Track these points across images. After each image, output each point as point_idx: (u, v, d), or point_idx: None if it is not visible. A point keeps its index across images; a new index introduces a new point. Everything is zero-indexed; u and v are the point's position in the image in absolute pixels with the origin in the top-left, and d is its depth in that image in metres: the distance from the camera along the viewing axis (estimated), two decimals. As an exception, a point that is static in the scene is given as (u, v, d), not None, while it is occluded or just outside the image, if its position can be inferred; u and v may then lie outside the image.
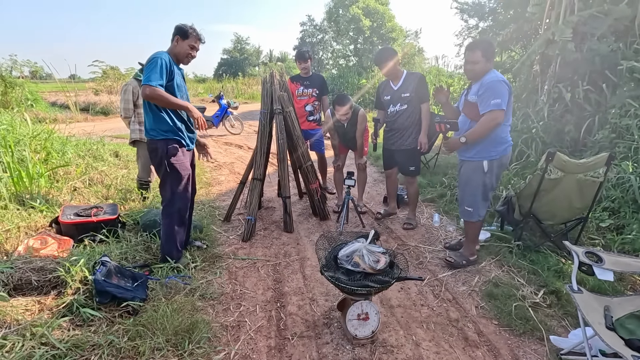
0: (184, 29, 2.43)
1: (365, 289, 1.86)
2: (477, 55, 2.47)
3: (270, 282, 2.66)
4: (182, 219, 2.64)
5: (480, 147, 2.54)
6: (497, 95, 2.38)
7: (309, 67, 4.07)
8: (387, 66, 3.26)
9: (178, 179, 2.53)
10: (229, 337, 2.08)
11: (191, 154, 2.70)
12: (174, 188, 2.53)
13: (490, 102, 2.39)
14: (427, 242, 3.28)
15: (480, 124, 2.46)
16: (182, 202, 2.59)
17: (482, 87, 2.45)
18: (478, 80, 2.52)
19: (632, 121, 3.67)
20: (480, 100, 2.46)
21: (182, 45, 2.44)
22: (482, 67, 2.48)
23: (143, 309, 2.17)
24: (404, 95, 3.28)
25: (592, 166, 2.55)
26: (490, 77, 2.45)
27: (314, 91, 4.09)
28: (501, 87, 2.40)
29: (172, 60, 2.42)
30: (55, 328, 1.91)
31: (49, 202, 3.35)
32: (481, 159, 2.55)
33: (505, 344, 2.02)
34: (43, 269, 2.30)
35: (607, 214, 3.17)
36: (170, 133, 2.45)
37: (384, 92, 3.42)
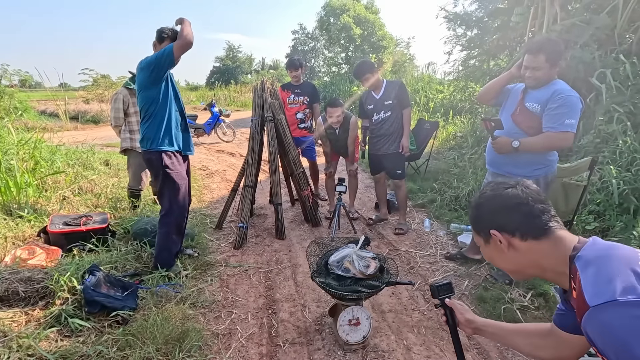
0: (159, 33, 2.41)
1: (356, 294, 1.87)
2: (540, 59, 2.13)
3: (262, 289, 2.66)
4: (180, 228, 2.64)
5: (525, 164, 2.27)
6: (573, 114, 2.09)
7: (299, 75, 4.11)
8: (368, 79, 3.35)
9: (176, 189, 2.53)
10: (220, 345, 2.07)
11: (187, 163, 2.71)
12: (172, 197, 2.53)
13: (565, 121, 2.08)
14: (418, 247, 3.31)
15: (546, 138, 2.15)
16: (180, 212, 2.59)
17: (555, 99, 2.12)
18: (540, 87, 2.23)
19: (616, 126, 3.77)
20: (550, 115, 2.13)
21: (159, 49, 2.39)
22: (545, 74, 2.16)
23: (133, 318, 2.15)
24: (386, 102, 3.36)
25: (575, 170, 2.61)
26: (565, 90, 2.13)
27: (305, 99, 4.13)
28: (577, 104, 2.12)
29: None
30: (43, 339, 1.89)
31: (37, 212, 3.31)
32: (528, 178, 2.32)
33: (494, 346, 2.05)
34: (31, 279, 2.27)
35: (592, 217, 3.23)
36: (166, 141, 2.45)
37: (367, 101, 3.49)
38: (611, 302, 0.71)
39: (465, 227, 3.53)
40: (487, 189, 1.02)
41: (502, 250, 0.97)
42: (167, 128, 2.45)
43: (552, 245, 0.91)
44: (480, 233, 1.03)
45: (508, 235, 0.95)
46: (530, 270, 0.98)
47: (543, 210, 0.92)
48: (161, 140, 2.43)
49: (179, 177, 2.52)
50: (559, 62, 2.17)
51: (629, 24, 4.49)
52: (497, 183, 1.02)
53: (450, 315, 1.21)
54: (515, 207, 0.93)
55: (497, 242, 0.97)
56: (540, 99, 2.19)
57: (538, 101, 2.20)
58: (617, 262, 0.77)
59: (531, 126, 2.24)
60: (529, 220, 0.92)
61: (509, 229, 0.94)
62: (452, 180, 4.53)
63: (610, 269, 0.76)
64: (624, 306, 0.69)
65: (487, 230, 0.99)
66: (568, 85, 2.21)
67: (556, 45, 2.15)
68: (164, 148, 2.45)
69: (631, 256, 0.78)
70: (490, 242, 1.00)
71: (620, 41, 4.52)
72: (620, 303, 0.69)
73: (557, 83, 2.19)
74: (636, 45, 4.42)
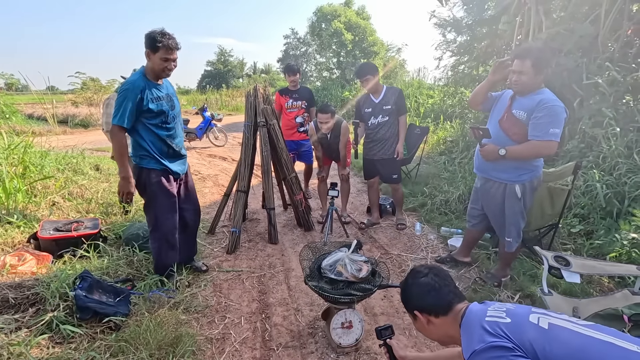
0: (151, 38, 2.19)
1: (348, 297, 1.90)
2: (526, 65, 2.18)
3: (255, 294, 2.67)
4: (170, 243, 2.54)
5: (512, 169, 2.35)
6: (557, 123, 2.15)
7: (297, 80, 4.23)
8: (369, 80, 3.40)
9: (161, 206, 2.44)
10: (213, 350, 2.08)
11: (182, 178, 2.62)
12: (157, 214, 2.45)
13: (549, 130, 2.14)
14: (409, 250, 3.35)
15: (530, 146, 2.21)
16: (168, 227, 2.49)
17: (541, 109, 2.17)
18: (526, 95, 2.27)
19: (600, 131, 3.89)
20: (535, 124, 2.19)
21: (154, 59, 2.24)
22: (529, 80, 2.21)
23: (125, 324, 2.15)
24: (385, 107, 3.43)
25: (560, 175, 2.69)
26: (551, 99, 2.18)
27: (302, 103, 4.26)
28: (562, 113, 2.18)
29: (147, 82, 2.27)
30: (34, 346, 1.87)
31: (26, 218, 3.27)
32: (513, 183, 2.36)
33: None
34: (21, 285, 2.25)
35: (577, 220, 3.33)
36: (152, 161, 2.36)
37: (364, 105, 3.55)
38: (473, 353, 1.02)
39: (455, 230, 3.59)
40: (408, 278, 1.32)
41: (424, 326, 1.26)
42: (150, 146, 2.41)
43: (453, 318, 1.19)
44: (409, 312, 1.31)
45: (427, 314, 1.23)
46: (446, 339, 1.26)
47: (448, 291, 1.22)
48: (144, 156, 2.41)
49: (166, 194, 2.45)
50: (545, 69, 2.21)
51: (610, 33, 4.64)
52: (415, 272, 1.31)
53: (390, 352, 1.55)
54: (428, 293, 1.23)
55: (421, 320, 1.25)
56: (526, 106, 2.24)
57: (524, 109, 2.24)
58: (473, 323, 1.09)
59: (517, 133, 2.29)
60: (438, 302, 1.21)
61: (426, 310, 1.23)
62: (442, 185, 4.60)
63: (471, 329, 1.09)
64: (480, 353, 1.00)
65: (412, 311, 1.28)
66: (553, 93, 2.26)
67: (543, 53, 2.20)
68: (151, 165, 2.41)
69: (480, 316, 1.09)
70: (417, 319, 1.27)
71: (603, 49, 4.67)
72: (477, 352, 1.01)
73: (543, 92, 2.24)
74: (618, 52, 4.58)
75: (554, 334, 0.99)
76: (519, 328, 1.01)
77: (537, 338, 0.97)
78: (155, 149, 2.36)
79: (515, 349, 0.96)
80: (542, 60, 2.18)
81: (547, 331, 0.99)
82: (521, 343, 0.97)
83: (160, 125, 2.35)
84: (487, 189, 2.52)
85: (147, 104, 2.24)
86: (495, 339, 1.00)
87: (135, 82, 2.23)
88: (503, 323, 1.04)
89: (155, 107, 2.28)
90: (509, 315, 1.06)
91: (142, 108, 2.24)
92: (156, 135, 2.35)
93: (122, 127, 2.21)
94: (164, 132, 2.37)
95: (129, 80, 2.27)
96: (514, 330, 1.01)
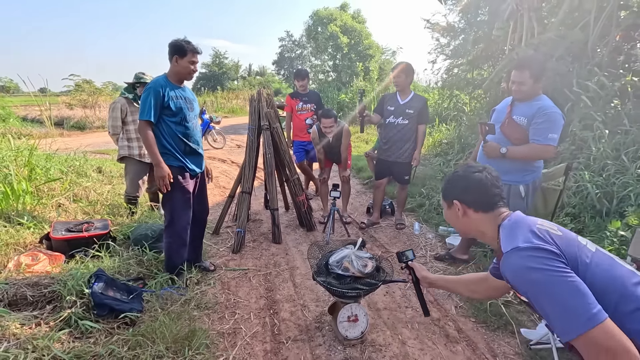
0: (179, 46, 2.44)
1: (355, 291, 2.01)
2: (525, 75, 2.34)
3: (262, 291, 2.77)
4: (182, 240, 2.66)
5: (516, 171, 2.50)
6: (555, 129, 2.30)
7: (306, 85, 4.48)
8: (400, 77, 3.51)
9: (177, 201, 2.58)
10: (226, 344, 2.18)
11: (198, 177, 2.77)
12: (173, 210, 2.59)
13: (548, 135, 2.31)
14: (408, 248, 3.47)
15: (530, 149, 2.38)
16: (181, 224, 2.62)
17: (540, 115, 2.33)
18: (526, 101, 2.43)
19: (590, 134, 4.05)
20: (536, 129, 2.35)
21: (182, 63, 2.47)
22: (529, 89, 2.37)
23: (140, 320, 2.24)
24: (408, 111, 3.54)
25: (552, 175, 2.84)
26: (550, 106, 2.34)
27: (312, 106, 4.49)
28: (560, 120, 2.32)
29: (168, 82, 2.48)
30: (55, 341, 1.95)
31: (35, 219, 3.34)
32: (517, 183, 2.51)
33: (482, 338, 2.22)
34: (38, 284, 2.33)
35: (569, 219, 3.47)
36: (170, 157, 2.51)
37: (388, 102, 3.65)
38: (515, 248, 1.07)
39: (452, 229, 3.72)
40: (459, 169, 1.35)
41: (458, 216, 1.31)
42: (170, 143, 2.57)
43: (492, 218, 1.25)
44: (446, 200, 1.36)
45: (466, 206, 1.28)
46: (475, 233, 1.33)
47: (496, 192, 1.26)
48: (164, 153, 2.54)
49: (182, 190, 2.58)
50: (542, 77, 2.38)
51: (600, 39, 4.82)
52: (468, 166, 1.34)
53: (413, 274, 1.67)
54: (476, 187, 1.26)
55: (456, 210, 1.30)
56: (526, 113, 2.41)
57: (525, 115, 2.41)
58: (521, 226, 1.14)
59: (518, 138, 2.45)
60: (484, 199, 1.26)
61: (467, 202, 1.28)
62: (439, 185, 4.74)
63: (516, 230, 1.14)
64: (523, 250, 1.05)
65: (451, 200, 1.32)
66: (550, 99, 2.43)
67: (539, 62, 2.38)
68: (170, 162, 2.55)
69: (531, 222, 1.15)
70: (451, 208, 1.33)
71: (592, 54, 4.85)
72: (520, 248, 1.06)
73: (541, 99, 2.41)
74: (607, 58, 4.76)
75: (597, 257, 1.06)
76: (569, 242, 1.07)
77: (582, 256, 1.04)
78: (175, 145, 2.53)
79: (561, 256, 1.01)
80: (539, 69, 2.35)
81: (594, 253, 1.08)
82: (567, 254, 1.03)
83: (179, 122, 2.52)
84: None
85: (167, 101, 2.44)
86: (542, 242, 1.04)
87: (158, 81, 2.46)
88: (554, 234, 1.09)
89: (174, 105, 2.47)
90: (561, 230, 1.13)
91: (163, 105, 2.44)
92: (175, 133, 2.52)
93: (149, 121, 2.40)
94: (182, 129, 2.54)
95: (153, 80, 2.48)
96: (564, 243, 1.06)
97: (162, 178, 2.44)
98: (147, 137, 2.42)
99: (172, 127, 2.50)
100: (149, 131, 2.42)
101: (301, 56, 24.97)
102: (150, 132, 2.43)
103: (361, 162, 6.41)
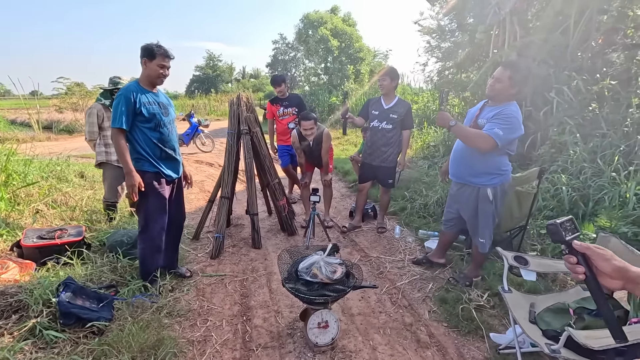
0: (149, 49, 2.42)
1: (323, 298, 2.01)
2: (505, 75, 2.36)
3: (237, 297, 2.75)
4: (156, 245, 2.64)
5: (483, 174, 2.52)
6: (505, 128, 2.31)
7: (284, 90, 4.46)
8: (385, 81, 3.50)
9: (152, 207, 2.56)
10: (194, 352, 2.15)
11: (175, 182, 2.75)
12: (147, 215, 2.57)
13: (495, 129, 2.32)
14: (387, 252, 3.48)
15: (474, 133, 2.41)
16: (156, 230, 2.60)
17: (499, 114, 2.37)
18: (496, 104, 2.46)
19: (568, 137, 4.10)
20: (489, 122, 2.39)
21: (151, 66, 2.44)
22: (502, 89, 2.38)
23: (109, 329, 2.21)
24: (392, 115, 3.54)
25: (526, 179, 2.85)
26: (512, 111, 2.36)
27: (293, 110, 4.48)
28: (515, 124, 2.34)
29: (139, 88, 2.46)
30: (17, 352, 1.92)
31: (9, 226, 3.29)
32: (485, 186, 2.52)
33: (452, 343, 2.22)
34: (4, 293, 2.29)
35: (546, 222, 3.50)
36: (146, 163, 2.49)
37: (373, 106, 3.66)
38: None
39: (432, 233, 3.73)
40: None
41: None
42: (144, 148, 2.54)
43: None
44: None
45: None
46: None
47: None
48: (138, 159, 2.53)
49: (157, 196, 2.56)
50: (519, 84, 2.38)
51: (580, 43, 4.88)
52: None
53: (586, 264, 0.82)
54: None
55: None
56: (488, 115, 2.44)
57: (486, 117, 2.44)
58: None
59: None
60: None
61: None
62: (422, 189, 4.75)
63: None
64: None
65: None
66: (519, 110, 2.43)
67: (523, 70, 2.41)
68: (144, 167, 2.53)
69: None
70: None
71: (572, 58, 4.91)
72: None
73: (510, 105, 2.41)
74: (586, 62, 4.82)
75: None
76: None
77: None
78: (150, 151, 2.51)
79: None
80: (520, 76, 2.37)
81: None
82: None
83: (154, 128, 2.50)
84: (462, 193, 2.68)
85: (139, 107, 2.41)
86: None
87: (129, 88, 2.43)
88: None
89: (147, 110, 2.45)
90: None
91: (135, 111, 2.41)
92: (149, 139, 2.49)
93: (121, 129, 2.38)
94: (156, 135, 2.52)
95: (124, 87, 2.46)
96: None
97: (132, 187, 2.42)
98: (119, 144, 2.40)
99: (146, 132, 2.48)
100: (121, 139, 2.40)
101: (295, 59, 24.99)
102: (122, 139, 2.40)
103: (347, 166, 6.41)
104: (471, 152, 2.51)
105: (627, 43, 4.69)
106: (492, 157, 2.46)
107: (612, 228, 2.83)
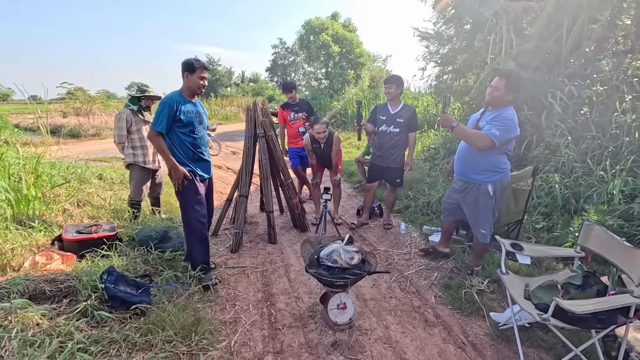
0: (189, 64, 2.72)
1: (343, 280, 2.28)
2: (501, 83, 2.60)
3: (259, 286, 3.01)
4: (200, 237, 2.89)
5: (484, 172, 2.77)
6: (502, 129, 2.56)
7: (294, 95, 4.77)
8: (391, 89, 3.77)
9: (189, 202, 2.83)
10: (227, 331, 2.42)
11: (206, 182, 3.01)
12: (186, 210, 2.84)
13: (494, 130, 2.57)
14: (395, 246, 3.75)
15: (472, 133, 2.69)
16: (196, 223, 2.85)
17: (497, 117, 2.62)
18: (494, 109, 2.70)
19: (561, 140, 4.39)
20: (488, 124, 2.63)
21: (192, 78, 2.73)
22: (499, 96, 2.62)
23: (150, 311, 2.46)
24: (398, 120, 3.82)
25: (521, 177, 3.14)
26: (509, 115, 2.61)
27: (303, 114, 4.78)
28: (511, 126, 2.58)
29: (182, 97, 2.74)
30: (76, 328, 2.18)
31: (45, 222, 3.55)
32: (486, 183, 2.77)
33: (457, 322, 2.49)
34: (55, 280, 2.55)
35: (541, 217, 3.79)
36: (181, 164, 2.76)
37: (380, 112, 3.94)
38: None
39: (435, 229, 4.01)
40: None
41: None
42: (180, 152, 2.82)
43: None
44: None
45: None
46: None
47: None
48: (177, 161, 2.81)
49: (193, 191, 2.82)
50: (514, 91, 2.63)
51: (572, 50, 5.20)
52: None
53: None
54: None
55: None
56: (487, 119, 2.72)
57: (486, 120, 2.72)
58: None
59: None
60: None
61: None
62: (425, 188, 5.04)
63: None
64: None
65: None
66: (515, 113, 2.69)
67: (518, 79, 2.65)
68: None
69: None
70: None
71: (565, 65, 5.22)
72: None
73: (507, 109, 2.68)
74: (578, 69, 5.13)
75: None
76: None
77: None
78: (183, 153, 2.79)
79: None
80: (515, 84, 2.62)
81: None
82: None
83: (188, 133, 2.78)
84: (465, 190, 2.96)
85: (179, 114, 2.70)
86: None
87: (173, 97, 2.72)
88: None
89: (185, 118, 2.73)
90: None
91: (175, 117, 2.70)
92: (183, 142, 2.78)
93: (159, 131, 2.68)
94: (190, 139, 2.80)
95: (168, 95, 2.75)
96: None
97: (179, 179, 2.71)
98: (160, 144, 2.70)
99: (181, 137, 2.76)
100: (159, 140, 2.70)
101: (294, 63, 25.35)
102: (161, 140, 2.70)
103: (352, 167, 6.70)
104: (474, 151, 2.79)
105: (618, 50, 5.01)
106: (493, 156, 2.74)
107: (600, 221, 3.12)
